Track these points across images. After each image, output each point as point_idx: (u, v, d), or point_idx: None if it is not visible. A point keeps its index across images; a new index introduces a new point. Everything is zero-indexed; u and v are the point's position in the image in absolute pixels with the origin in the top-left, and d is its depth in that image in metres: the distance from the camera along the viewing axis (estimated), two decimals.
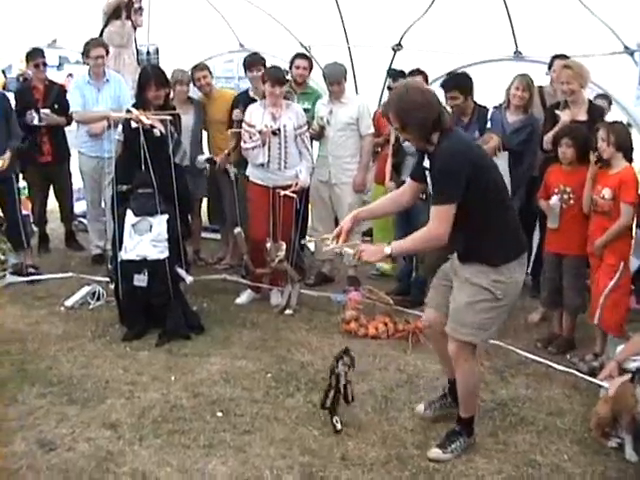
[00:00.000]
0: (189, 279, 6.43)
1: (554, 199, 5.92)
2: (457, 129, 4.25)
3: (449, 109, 6.45)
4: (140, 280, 6.11)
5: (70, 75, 11.91)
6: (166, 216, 6.19)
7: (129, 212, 6.18)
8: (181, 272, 6.39)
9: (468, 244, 4.24)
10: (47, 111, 8.15)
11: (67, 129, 8.58)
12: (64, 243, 9.00)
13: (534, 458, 4.47)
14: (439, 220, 4.01)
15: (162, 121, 6.27)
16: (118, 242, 6.21)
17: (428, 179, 4.20)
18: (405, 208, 4.73)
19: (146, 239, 6.14)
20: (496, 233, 4.16)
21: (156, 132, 6.19)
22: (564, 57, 6.99)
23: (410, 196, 4.50)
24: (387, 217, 7.01)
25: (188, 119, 7.68)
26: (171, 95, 6.95)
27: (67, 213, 8.95)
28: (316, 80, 8.15)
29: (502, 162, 6.34)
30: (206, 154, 7.95)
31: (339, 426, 4.66)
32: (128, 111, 6.30)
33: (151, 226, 6.15)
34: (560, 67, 6.49)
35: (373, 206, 4.70)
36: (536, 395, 5.30)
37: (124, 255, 6.14)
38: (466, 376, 4.41)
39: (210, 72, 8.05)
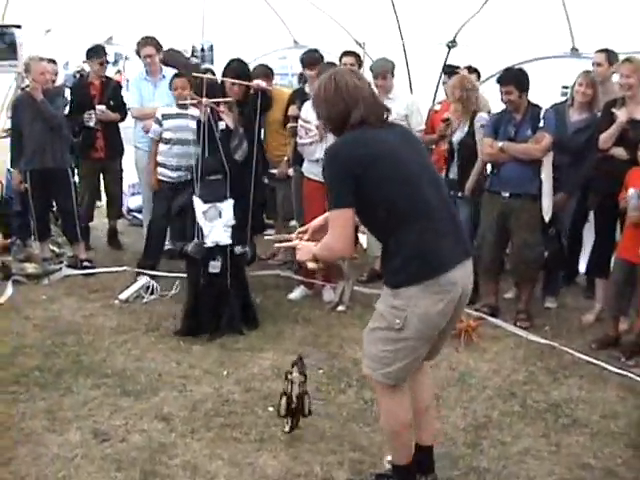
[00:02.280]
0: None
1: (631, 191, 5.77)
2: (367, 127, 3.65)
3: (503, 104, 6.40)
4: (215, 267, 6.12)
5: (119, 72, 12.03)
6: (232, 201, 6.23)
7: (197, 200, 6.18)
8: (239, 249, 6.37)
9: (381, 256, 3.86)
10: (103, 107, 8.25)
11: (122, 125, 8.67)
12: (107, 241, 9.07)
13: (587, 461, 4.39)
14: (330, 227, 3.62)
15: (233, 115, 6.42)
16: (193, 231, 6.17)
17: None
18: None
19: (218, 225, 6.17)
20: (393, 249, 3.59)
21: (220, 125, 6.29)
22: (607, 51, 6.89)
23: None
24: None
25: None
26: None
27: (115, 210, 9.05)
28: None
29: (547, 163, 6.26)
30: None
31: (287, 428, 4.54)
32: (193, 98, 6.45)
33: (220, 212, 6.18)
34: (619, 62, 6.41)
35: None
36: (590, 397, 5.22)
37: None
38: (381, 409, 3.95)
39: (272, 73, 8.04)
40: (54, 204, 8.08)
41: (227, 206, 6.22)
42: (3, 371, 5.37)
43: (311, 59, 7.42)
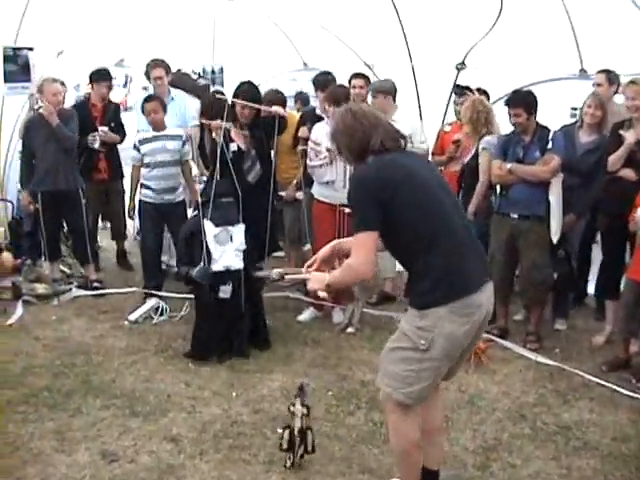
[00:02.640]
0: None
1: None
2: (392, 152, 3.73)
3: (512, 126, 6.42)
4: (225, 292, 6.08)
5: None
6: (243, 225, 6.23)
7: (208, 223, 6.16)
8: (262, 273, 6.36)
9: (407, 280, 3.89)
10: (105, 129, 8.31)
11: (120, 147, 8.72)
12: (116, 261, 9.13)
13: None
14: (355, 250, 3.63)
15: (245, 137, 6.44)
16: (206, 254, 6.12)
17: None
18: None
19: (229, 249, 6.15)
20: (421, 271, 3.63)
21: (232, 147, 6.32)
22: (607, 72, 6.99)
23: None
24: None
25: None
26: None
27: (120, 231, 9.09)
28: None
29: (557, 184, 6.26)
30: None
31: (288, 463, 4.42)
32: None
33: (232, 236, 6.17)
34: (625, 83, 6.44)
35: (350, 239, 4.18)
36: (600, 420, 5.18)
37: (212, 267, 6.10)
38: (393, 434, 3.89)
39: (285, 100, 8.04)
40: (64, 225, 8.12)
41: (238, 230, 6.22)
42: (12, 391, 5.39)
43: (325, 82, 7.45)
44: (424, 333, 3.59)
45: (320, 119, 7.18)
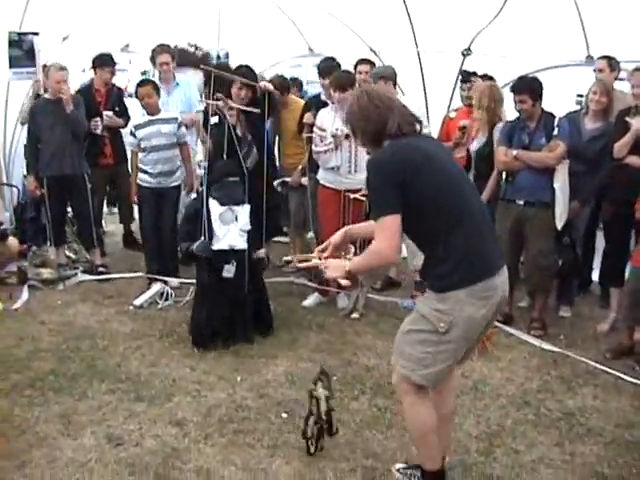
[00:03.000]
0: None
1: None
2: (408, 136, 3.70)
3: (517, 113, 6.40)
4: (229, 271, 6.06)
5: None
6: (248, 205, 6.20)
7: (213, 202, 6.12)
8: (262, 252, 6.41)
9: (424, 263, 3.81)
10: (110, 113, 8.33)
11: (123, 131, 8.71)
12: (122, 244, 9.22)
13: (601, 470, 4.37)
14: (379, 234, 3.57)
15: (240, 122, 6.42)
16: (207, 232, 6.08)
17: None
18: None
19: (233, 229, 6.12)
20: (442, 254, 3.61)
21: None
22: (608, 58, 7.03)
23: None
24: None
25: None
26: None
27: (126, 214, 9.12)
28: None
29: (562, 170, 6.25)
30: (278, 179, 8.02)
31: (312, 449, 4.40)
32: (217, 99, 6.42)
33: (237, 215, 6.13)
34: (631, 70, 6.45)
35: (362, 225, 4.36)
36: (604, 406, 5.19)
37: (215, 245, 6.08)
38: (408, 417, 3.89)
39: (289, 84, 8.10)
40: (70, 209, 8.14)
41: (243, 210, 6.18)
42: (19, 375, 5.41)
43: (329, 68, 7.43)
44: (443, 316, 3.60)
45: (325, 105, 7.17)
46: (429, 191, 3.56)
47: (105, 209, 9.65)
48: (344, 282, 3.84)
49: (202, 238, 6.06)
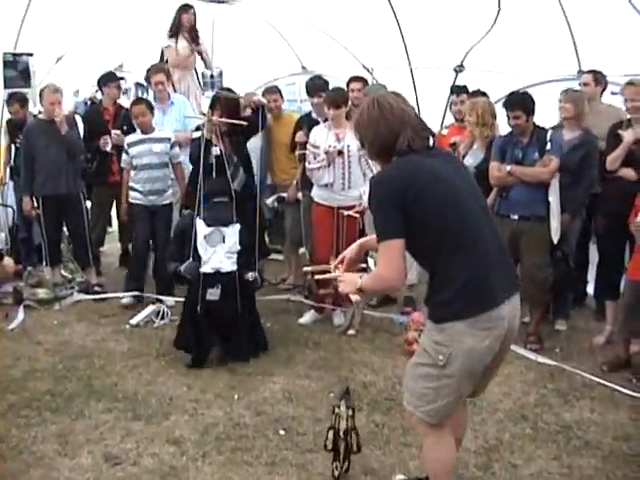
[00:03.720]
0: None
1: None
2: (416, 153, 3.51)
3: (510, 128, 6.44)
4: (213, 294, 6.01)
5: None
6: (238, 226, 6.14)
7: (200, 222, 6.08)
8: (251, 275, 6.24)
9: (427, 288, 3.63)
10: (118, 132, 8.33)
11: None
12: (118, 263, 9.21)
13: None
14: (381, 259, 3.45)
15: (224, 143, 6.42)
16: (193, 255, 6.05)
17: None
18: None
19: (220, 251, 6.07)
20: (442, 280, 3.46)
21: (214, 150, 6.26)
22: (594, 72, 7.15)
23: None
24: None
25: (256, 141, 7.86)
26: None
27: (127, 232, 9.11)
28: None
29: (554, 185, 6.28)
30: (274, 195, 8.06)
31: (336, 473, 4.30)
32: (204, 114, 6.43)
33: (224, 237, 6.08)
34: (624, 84, 6.50)
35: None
36: (601, 419, 5.19)
37: (201, 268, 6.04)
38: (427, 454, 3.78)
39: (281, 95, 8.12)
40: (65, 229, 8.15)
41: (232, 231, 6.11)
42: (15, 395, 5.40)
43: (317, 86, 7.49)
44: (442, 348, 3.43)
45: (317, 123, 7.23)
46: (430, 219, 3.40)
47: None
48: (354, 297, 3.68)
49: (190, 259, 6.04)
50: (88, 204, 8.19)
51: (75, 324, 7.04)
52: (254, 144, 7.74)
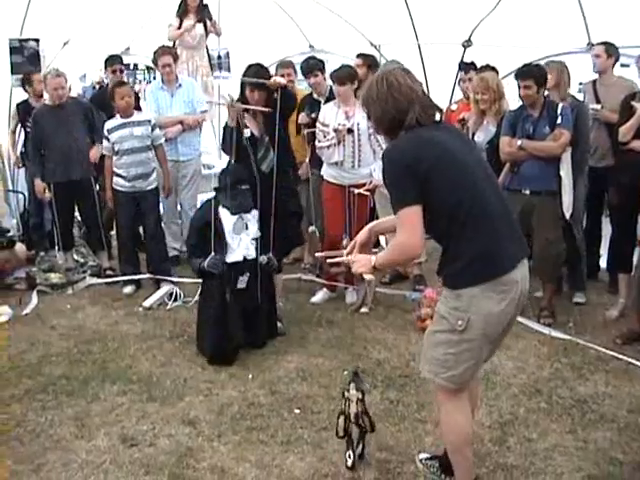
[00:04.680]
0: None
1: None
2: (424, 127, 3.57)
3: (520, 99, 6.40)
4: (243, 282, 5.91)
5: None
6: (256, 211, 5.99)
7: (224, 211, 5.91)
8: (262, 258, 6.05)
9: (440, 260, 3.69)
10: None
11: None
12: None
13: (615, 456, 4.37)
14: (401, 227, 3.49)
15: (258, 124, 6.19)
16: (218, 245, 5.86)
17: None
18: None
19: (245, 238, 5.96)
20: (455, 251, 3.55)
21: (246, 132, 6.12)
22: (605, 44, 7.07)
23: None
24: None
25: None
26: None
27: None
28: None
29: (566, 159, 6.25)
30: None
31: (349, 462, 4.25)
32: (232, 100, 6.17)
33: (247, 224, 5.95)
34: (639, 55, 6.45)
35: (386, 220, 4.15)
36: (616, 392, 5.19)
37: (230, 257, 5.89)
38: (444, 424, 3.83)
39: (295, 70, 8.04)
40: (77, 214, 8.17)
41: (252, 217, 6.01)
42: (31, 380, 5.43)
43: (310, 67, 7.45)
44: (460, 313, 3.51)
45: (317, 102, 7.22)
46: (441, 192, 3.46)
47: None
48: (368, 277, 3.77)
49: (212, 253, 5.84)
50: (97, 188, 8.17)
51: (88, 308, 7.06)
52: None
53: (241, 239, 5.96)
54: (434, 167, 3.45)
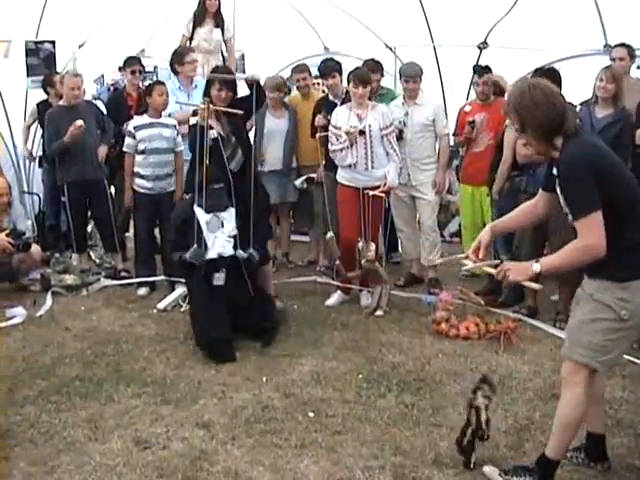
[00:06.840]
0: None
1: None
2: (584, 133, 3.92)
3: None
4: (219, 279, 6.06)
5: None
6: (233, 209, 6.16)
7: (199, 210, 6.11)
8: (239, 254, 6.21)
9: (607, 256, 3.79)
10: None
11: None
12: None
13: (632, 462, 4.32)
14: (589, 231, 3.65)
15: (222, 124, 6.31)
16: (197, 239, 6.09)
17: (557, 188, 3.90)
18: (540, 220, 4.38)
19: (220, 236, 6.11)
20: (625, 245, 3.74)
21: (211, 134, 6.18)
22: (626, 45, 7.04)
23: (544, 207, 4.14)
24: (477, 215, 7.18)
25: (282, 123, 7.95)
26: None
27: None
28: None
29: None
30: (302, 177, 8.01)
31: (473, 459, 4.24)
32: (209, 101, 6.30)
33: (222, 222, 6.10)
34: None
35: (506, 219, 4.31)
36: (633, 397, 5.13)
37: (206, 254, 6.09)
38: (570, 405, 3.94)
39: (310, 73, 8.13)
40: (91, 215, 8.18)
41: (229, 215, 6.17)
42: (45, 381, 5.43)
43: (329, 68, 7.45)
44: (626, 304, 3.74)
45: (334, 104, 7.21)
46: (620, 188, 3.73)
47: None
48: (534, 285, 3.90)
49: (195, 246, 6.05)
50: (112, 190, 8.18)
51: (103, 310, 7.06)
52: (279, 127, 7.81)
53: (216, 237, 6.13)
54: (611, 170, 3.74)
